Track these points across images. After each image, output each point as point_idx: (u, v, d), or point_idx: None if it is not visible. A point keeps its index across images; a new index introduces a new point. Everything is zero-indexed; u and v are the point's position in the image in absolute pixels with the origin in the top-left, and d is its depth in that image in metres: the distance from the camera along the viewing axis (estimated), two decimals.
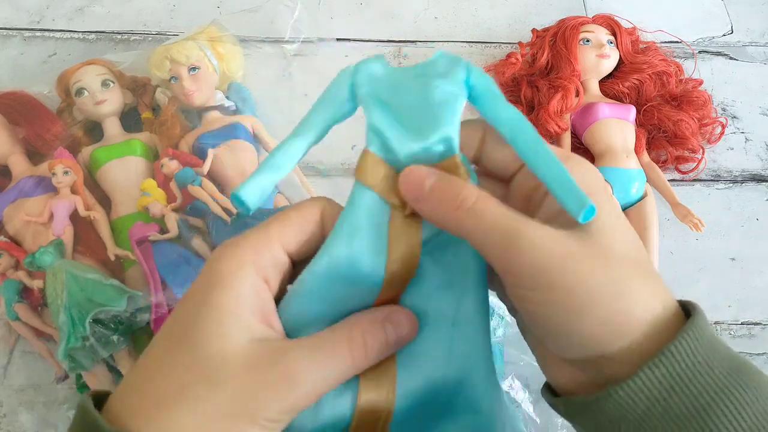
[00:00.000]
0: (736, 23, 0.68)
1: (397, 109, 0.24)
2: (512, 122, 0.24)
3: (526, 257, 0.22)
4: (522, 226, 0.22)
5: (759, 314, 0.51)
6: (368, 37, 0.64)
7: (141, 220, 0.48)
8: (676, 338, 0.21)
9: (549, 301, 0.22)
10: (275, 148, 0.25)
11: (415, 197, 0.23)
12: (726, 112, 0.61)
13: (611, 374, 0.23)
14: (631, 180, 0.53)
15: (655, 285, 0.23)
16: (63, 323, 0.42)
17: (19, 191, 0.49)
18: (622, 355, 0.22)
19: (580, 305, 0.22)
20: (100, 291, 0.43)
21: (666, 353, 0.21)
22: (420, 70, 0.25)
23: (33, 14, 0.64)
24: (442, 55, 0.25)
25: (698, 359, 0.21)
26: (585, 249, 0.22)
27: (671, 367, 0.21)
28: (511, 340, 0.47)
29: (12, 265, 0.46)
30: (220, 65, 0.55)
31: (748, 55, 0.66)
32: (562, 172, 0.23)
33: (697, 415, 0.21)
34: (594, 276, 0.22)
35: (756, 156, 0.59)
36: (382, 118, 0.24)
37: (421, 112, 0.24)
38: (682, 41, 0.65)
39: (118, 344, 0.43)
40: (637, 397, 0.22)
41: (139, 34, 0.63)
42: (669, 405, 0.21)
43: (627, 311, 0.22)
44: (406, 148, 0.24)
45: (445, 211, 0.23)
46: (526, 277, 0.22)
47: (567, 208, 0.22)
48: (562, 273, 0.22)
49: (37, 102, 0.54)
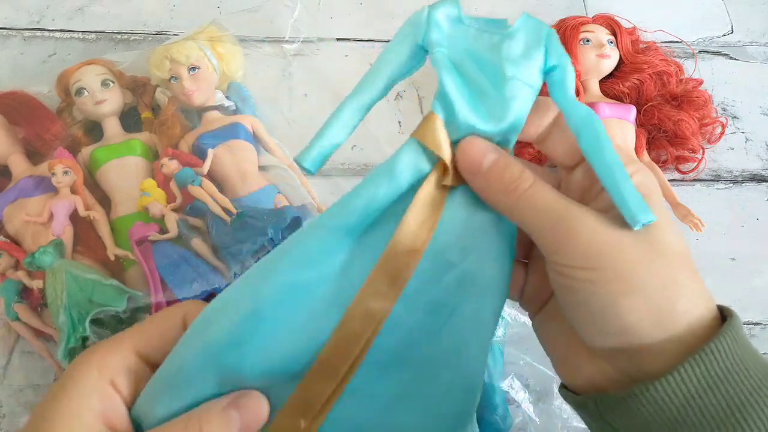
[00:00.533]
0: (737, 23, 0.68)
1: (470, 83, 0.24)
2: (581, 116, 0.24)
3: (581, 239, 0.22)
4: (578, 211, 0.23)
5: (759, 314, 0.51)
6: (368, 37, 0.64)
7: (141, 220, 0.48)
8: (718, 336, 0.22)
9: (598, 281, 0.22)
10: (337, 108, 0.25)
11: (471, 169, 0.24)
12: (726, 112, 0.61)
13: (645, 367, 0.23)
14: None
15: (699, 285, 0.23)
16: (63, 323, 0.42)
17: (18, 191, 0.49)
18: (661, 347, 0.22)
19: (628, 288, 0.22)
20: (100, 291, 0.43)
21: (707, 350, 0.21)
22: (498, 40, 0.24)
23: (33, 14, 0.64)
24: (525, 23, 0.25)
25: (735, 360, 0.22)
26: (638, 239, 0.23)
27: (710, 365, 0.21)
28: (511, 340, 0.47)
29: (12, 265, 0.46)
30: (220, 65, 0.55)
31: (749, 55, 0.66)
32: (623, 177, 0.23)
33: (732, 415, 0.21)
34: (645, 263, 0.22)
35: (756, 156, 0.59)
36: (455, 88, 0.24)
37: (492, 96, 0.24)
38: (682, 41, 0.65)
39: None
40: (674, 393, 0.22)
41: (139, 34, 0.63)
42: (704, 404, 0.21)
43: (673, 302, 0.22)
44: (469, 124, 0.24)
45: (499, 190, 0.24)
46: (578, 257, 0.23)
47: (624, 213, 0.22)
48: (614, 256, 0.22)
49: (37, 102, 0.54)
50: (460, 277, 0.25)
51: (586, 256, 0.22)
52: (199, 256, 0.46)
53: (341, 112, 0.25)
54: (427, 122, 0.24)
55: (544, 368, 0.47)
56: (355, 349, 0.25)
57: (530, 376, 0.47)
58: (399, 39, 0.25)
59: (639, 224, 0.22)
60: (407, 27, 0.25)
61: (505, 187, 0.24)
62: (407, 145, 0.24)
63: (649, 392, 0.22)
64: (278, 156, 0.54)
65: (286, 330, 0.24)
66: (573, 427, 0.45)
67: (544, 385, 0.47)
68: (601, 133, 0.24)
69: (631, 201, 0.22)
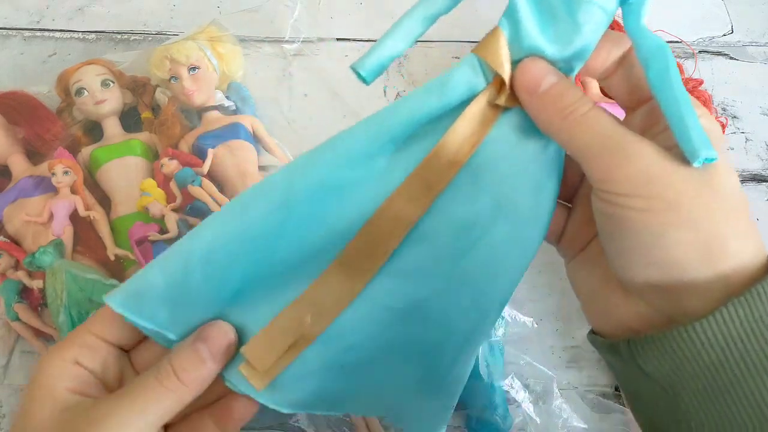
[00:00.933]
0: (737, 23, 0.68)
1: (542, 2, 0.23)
2: (654, 46, 0.23)
3: (636, 166, 0.22)
4: (636, 139, 0.22)
5: None
6: (368, 37, 0.64)
7: (141, 220, 0.48)
8: (764, 280, 0.21)
9: (648, 209, 0.22)
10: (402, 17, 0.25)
11: (529, 89, 0.23)
12: (726, 112, 0.61)
13: (685, 306, 0.22)
14: None
15: (752, 229, 0.23)
16: (63, 323, 0.42)
17: (18, 191, 0.49)
18: (705, 286, 0.22)
19: (679, 221, 0.21)
20: (100, 291, 0.43)
21: (753, 293, 0.21)
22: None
23: (33, 14, 0.64)
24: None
25: None
26: (696, 175, 0.22)
27: (755, 308, 0.21)
28: (511, 340, 0.47)
29: (11, 265, 0.46)
30: (220, 65, 0.55)
31: (749, 55, 0.66)
32: (689, 111, 0.22)
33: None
34: (700, 198, 0.22)
35: (756, 156, 0.59)
36: (526, 4, 0.23)
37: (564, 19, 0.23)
38: (682, 41, 0.65)
39: None
40: (715, 336, 0.21)
41: (139, 34, 0.63)
42: (746, 348, 0.21)
43: (723, 239, 0.22)
44: (534, 45, 0.23)
45: (555, 113, 0.23)
46: (629, 184, 0.22)
47: (685, 146, 0.22)
48: (667, 186, 0.22)
49: (37, 102, 0.54)
50: (497, 201, 0.25)
51: (640, 184, 0.22)
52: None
53: (406, 20, 0.24)
54: (490, 38, 0.23)
55: (544, 368, 0.47)
56: (379, 251, 0.25)
57: (530, 376, 0.47)
58: None
59: (699, 160, 0.21)
60: None
61: (561, 110, 0.23)
62: (465, 60, 0.24)
63: (688, 333, 0.21)
64: (278, 156, 0.54)
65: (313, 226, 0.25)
66: (573, 427, 0.45)
67: (544, 385, 0.47)
68: (671, 65, 0.23)
69: (694, 135, 0.21)
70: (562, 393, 0.46)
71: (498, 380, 0.45)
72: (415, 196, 0.25)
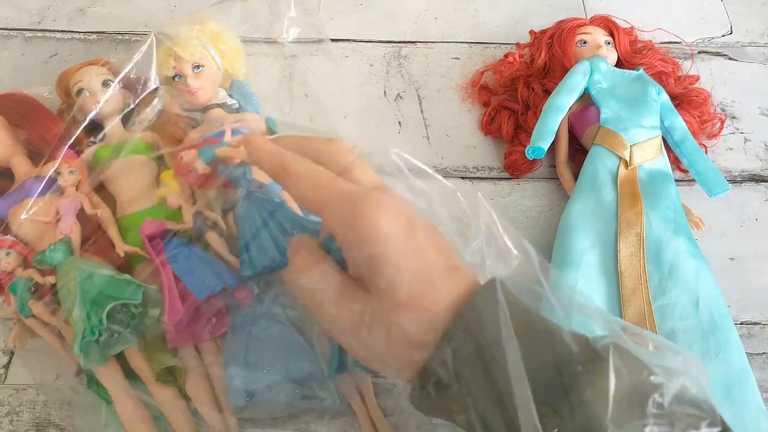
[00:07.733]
0: (736, 24, 0.68)
1: (622, 101, 0.52)
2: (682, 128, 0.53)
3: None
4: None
5: (758, 314, 0.52)
6: (368, 38, 0.64)
7: (152, 216, 0.48)
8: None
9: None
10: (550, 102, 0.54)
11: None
12: (725, 112, 0.62)
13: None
14: None
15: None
16: (78, 318, 0.42)
17: (24, 192, 0.49)
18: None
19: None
20: (115, 285, 0.43)
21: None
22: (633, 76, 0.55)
23: (34, 15, 0.64)
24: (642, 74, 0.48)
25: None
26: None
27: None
28: None
29: (20, 264, 0.47)
30: (223, 63, 0.55)
31: (748, 56, 0.66)
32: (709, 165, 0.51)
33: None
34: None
35: (755, 156, 0.59)
36: (615, 105, 0.52)
37: (640, 105, 0.52)
38: (681, 41, 0.65)
39: (130, 340, 0.43)
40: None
41: (140, 34, 0.63)
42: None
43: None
44: (629, 125, 0.50)
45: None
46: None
47: (706, 186, 0.49)
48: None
49: (38, 103, 0.54)
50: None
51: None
52: (212, 252, 0.46)
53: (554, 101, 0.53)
54: (600, 132, 0.49)
55: None
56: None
57: None
58: (575, 74, 0.54)
59: (715, 194, 0.43)
60: (578, 69, 0.54)
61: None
62: (594, 150, 0.50)
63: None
64: None
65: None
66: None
67: None
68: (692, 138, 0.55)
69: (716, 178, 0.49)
70: None
71: None
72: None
